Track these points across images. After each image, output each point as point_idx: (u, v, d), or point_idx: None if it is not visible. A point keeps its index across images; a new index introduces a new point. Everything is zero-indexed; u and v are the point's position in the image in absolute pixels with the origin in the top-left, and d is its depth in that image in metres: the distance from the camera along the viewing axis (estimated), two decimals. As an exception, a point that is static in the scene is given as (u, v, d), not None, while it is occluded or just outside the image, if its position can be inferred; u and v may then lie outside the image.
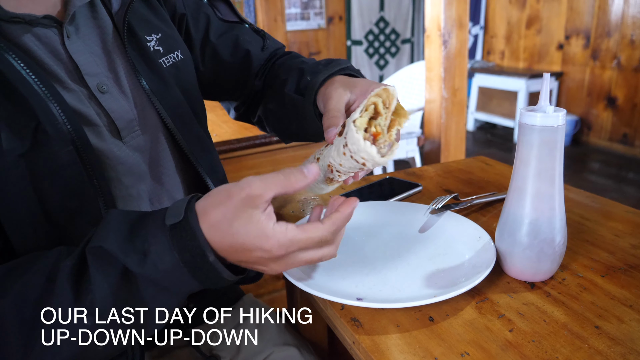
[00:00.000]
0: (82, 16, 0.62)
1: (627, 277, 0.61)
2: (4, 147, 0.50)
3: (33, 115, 0.52)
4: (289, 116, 0.73)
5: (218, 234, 0.45)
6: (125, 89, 0.64)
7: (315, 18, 5.23)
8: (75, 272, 0.45)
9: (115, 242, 0.45)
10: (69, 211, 0.56)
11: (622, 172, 3.77)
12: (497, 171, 1.02)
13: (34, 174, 0.53)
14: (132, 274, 0.45)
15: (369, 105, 0.50)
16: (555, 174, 0.57)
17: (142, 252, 0.45)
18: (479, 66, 5.25)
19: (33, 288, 0.45)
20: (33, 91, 0.52)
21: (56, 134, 0.53)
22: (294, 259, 0.48)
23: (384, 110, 0.49)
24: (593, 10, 4.22)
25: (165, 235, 0.45)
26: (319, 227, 0.47)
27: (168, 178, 0.70)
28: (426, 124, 2.43)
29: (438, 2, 2.22)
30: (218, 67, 0.81)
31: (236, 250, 0.46)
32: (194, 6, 0.78)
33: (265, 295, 1.72)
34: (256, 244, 0.45)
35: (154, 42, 0.68)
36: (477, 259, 0.63)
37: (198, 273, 0.46)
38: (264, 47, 0.83)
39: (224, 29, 0.81)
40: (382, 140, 0.49)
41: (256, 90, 0.83)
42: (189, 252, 0.45)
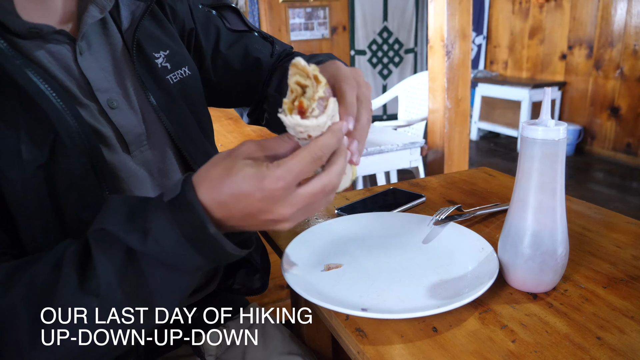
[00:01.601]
0: (94, 33, 0.64)
1: (628, 288, 0.61)
2: (25, 158, 0.52)
3: (52, 127, 0.53)
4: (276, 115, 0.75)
5: (219, 186, 0.45)
6: (134, 105, 0.66)
7: (319, 28, 5.27)
8: (80, 256, 0.46)
9: (116, 223, 0.46)
10: (83, 222, 0.57)
11: (626, 181, 3.77)
12: (500, 182, 1.03)
13: (51, 185, 0.54)
14: (136, 253, 0.45)
15: (292, 87, 0.49)
16: (556, 187, 0.58)
17: (142, 230, 0.45)
18: (482, 76, 5.27)
19: (40, 276, 0.46)
20: (52, 105, 0.53)
21: (73, 146, 0.55)
22: (297, 197, 0.46)
23: (307, 81, 0.48)
24: (596, 21, 4.24)
25: (164, 211, 0.45)
26: (306, 146, 0.46)
27: None
28: (429, 133, 2.45)
29: (441, 13, 2.24)
30: (229, 77, 0.83)
31: (238, 199, 0.45)
32: (203, 19, 0.80)
33: (269, 305, 1.73)
34: (254, 184, 0.44)
35: (161, 58, 0.69)
36: (480, 270, 0.64)
37: (201, 246, 0.46)
38: (273, 53, 0.84)
39: (234, 38, 0.82)
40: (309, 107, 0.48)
41: (266, 95, 0.84)
42: (189, 225, 0.45)
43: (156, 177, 0.68)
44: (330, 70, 0.54)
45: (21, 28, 0.55)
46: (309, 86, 0.48)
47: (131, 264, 0.46)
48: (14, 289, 0.46)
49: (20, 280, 0.46)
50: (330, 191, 0.48)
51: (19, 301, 0.45)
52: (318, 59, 0.70)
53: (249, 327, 0.85)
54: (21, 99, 0.52)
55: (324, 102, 0.48)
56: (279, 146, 0.48)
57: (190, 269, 0.48)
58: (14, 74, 0.52)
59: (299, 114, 0.47)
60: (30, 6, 0.57)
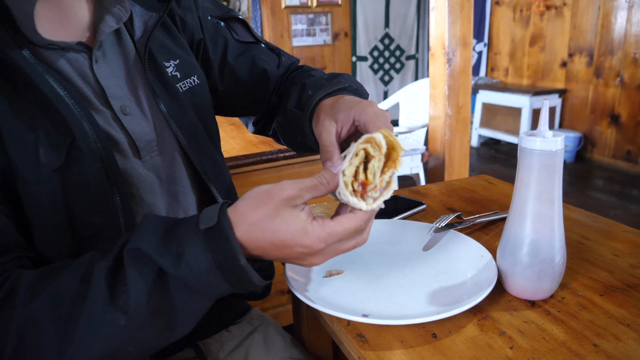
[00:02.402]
0: (109, 42, 0.66)
1: (625, 297, 0.62)
2: (42, 161, 0.54)
3: (69, 132, 0.55)
4: (293, 129, 0.76)
5: (259, 232, 0.48)
6: (146, 112, 0.67)
7: (321, 34, 5.30)
8: (111, 272, 0.48)
9: (151, 245, 0.48)
10: (93, 227, 0.59)
11: (626, 189, 3.78)
12: (500, 190, 1.04)
13: (65, 189, 0.56)
14: (166, 275, 0.48)
15: (358, 151, 0.51)
16: (554, 196, 0.59)
17: (177, 254, 0.47)
18: (483, 83, 5.29)
19: (68, 288, 0.48)
20: (70, 110, 0.55)
21: (88, 151, 0.57)
22: (332, 251, 0.51)
23: (376, 153, 0.50)
24: (596, 29, 4.26)
25: (199, 238, 0.48)
26: (353, 217, 0.51)
27: (183, 196, 0.73)
28: (430, 140, 2.46)
29: (442, 21, 2.26)
30: (236, 87, 0.84)
31: (277, 247, 0.49)
32: (212, 30, 0.82)
33: (270, 310, 1.74)
34: (297, 240, 0.48)
35: (172, 67, 0.71)
36: (479, 277, 0.65)
37: (229, 275, 0.48)
38: (280, 64, 0.86)
39: (241, 49, 0.84)
40: (372, 186, 0.50)
41: (273, 105, 0.86)
42: (222, 255, 0.48)
43: (165, 182, 0.70)
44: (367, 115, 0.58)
45: (41, 43, 0.57)
46: (376, 158, 0.50)
47: (160, 285, 0.48)
48: (38, 298, 0.47)
49: (45, 289, 0.48)
50: (360, 246, 0.54)
51: (44, 310, 0.47)
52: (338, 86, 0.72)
53: (251, 332, 0.86)
54: (40, 104, 0.54)
55: (385, 186, 0.51)
56: (317, 190, 0.51)
57: (214, 294, 0.51)
58: (36, 80, 0.54)
59: (362, 187, 0.51)
60: (53, 19, 0.60)
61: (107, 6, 0.64)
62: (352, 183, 0.51)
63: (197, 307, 0.51)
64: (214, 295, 0.51)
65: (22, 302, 0.47)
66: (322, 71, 0.83)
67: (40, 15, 0.58)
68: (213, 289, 0.50)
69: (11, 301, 0.48)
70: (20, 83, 0.54)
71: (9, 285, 0.49)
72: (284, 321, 1.73)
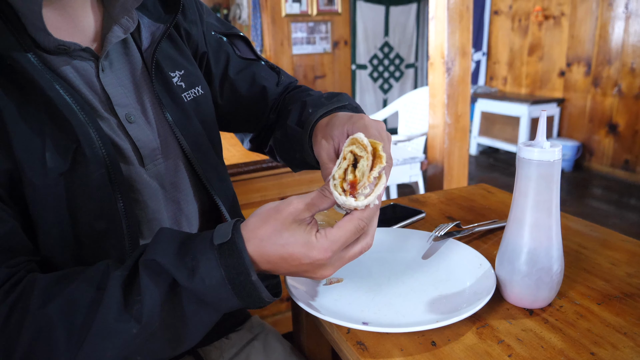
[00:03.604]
0: (116, 52, 0.67)
1: (622, 305, 0.63)
2: (49, 165, 0.55)
3: (75, 138, 0.56)
4: (293, 146, 0.77)
5: (269, 246, 0.50)
6: (151, 120, 0.69)
7: (321, 42, 5.33)
8: (126, 281, 0.50)
9: (167, 257, 0.50)
10: (96, 232, 0.60)
11: (624, 198, 3.79)
12: (499, 199, 1.05)
13: (70, 193, 0.57)
14: (180, 287, 0.49)
15: (345, 154, 0.53)
16: (552, 206, 0.60)
17: (191, 267, 0.49)
18: (481, 91, 5.32)
19: (82, 295, 0.49)
20: (76, 116, 0.56)
21: (93, 156, 0.58)
22: (340, 260, 0.53)
23: (363, 153, 0.52)
24: (594, 39, 4.29)
25: (213, 253, 0.50)
26: (351, 218, 0.52)
27: (186, 203, 0.74)
28: (429, 149, 2.47)
29: (442, 31, 2.28)
30: (236, 101, 0.85)
31: (286, 260, 0.51)
32: (215, 45, 0.83)
33: (269, 317, 1.74)
34: (304, 253, 0.50)
35: (177, 78, 0.72)
36: (478, 285, 0.65)
37: (240, 291, 0.50)
38: (279, 82, 0.88)
39: (242, 65, 0.85)
40: (362, 184, 0.51)
41: (271, 122, 0.87)
42: (234, 270, 0.49)
43: (168, 189, 0.71)
44: (359, 127, 0.59)
45: (50, 44, 0.58)
46: (364, 158, 0.51)
47: (173, 296, 0.50)
48: (52, 303, 0.48)
49: (59, 295, 0.49)
50: (368, 249, 0.55)
51: (57, 315, 0.48)
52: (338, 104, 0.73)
53: (251, 339, 0.87)
54: (48, 110, 0.55)
55: (376, 180, 0.51)
56: (321, 202, 0.52)
57: (224, 308, 0.52)
58: (44, 86, 0.55)
59: (351, 187, 0.51)
60: (61, 25, 0.61)
61: (116, 16, 0.65)
62: (342, 184, 0.52)
63: (206, 320, 0.52)
64: (223, 310, 0.52)
65: (36, 306, 0.48)
66: (320, 91, 0.84)
67: (48, 22, 0.58)
68: (223, 303, 0.51)
69: (25, 304, 0.48)
70: (28, 87, 0.55)
71: (22, 287, 0.50)
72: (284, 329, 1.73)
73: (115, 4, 0.65)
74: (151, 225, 0.68)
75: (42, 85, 0.55)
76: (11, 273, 0.51)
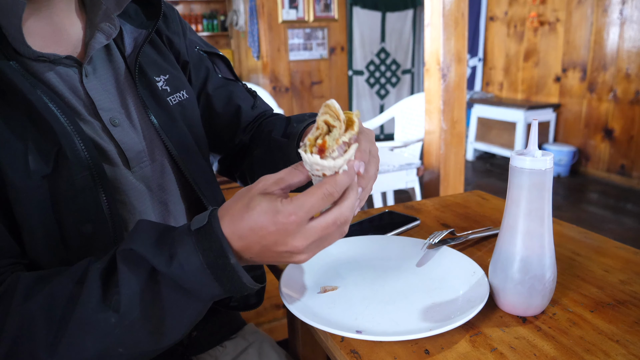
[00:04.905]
0: (99, 58, 0.68)
1: (615, 313, 0.63)
2: (31, 168, 0.56)
3: (56, 141, 0.57)
4: (275, 159, 0.78)
5: (238, 221, 0.49)
6: (136, 123, 0.70)
7: (317, 48, 5.35)
8: (105, 273, 0.50)
9: (144, 245, 0.49)
10: (83, 235, 0.60)
11: (620, 203, 3.80)
12: (493, 205, 1.05)
13: (54, 196, 0.58)
14: (159, 274, 0.49)
15: (319, 124, 0.52)
16: (544, 214, 0.60)
17: (169, 254, 0.49)
18: (478, 97, 5.34)
19: (62, 290, 0.49)
20: (57, 120, 0.57)
21: (75, 159, 0.58)
22: (310, 230, 0.49)
23: (336, 122, 0.51)
24: (589, 45, 4.32)
25: (191, 238, 0.49)
26: (319, 184, 0.49)
27: (173, 204, 0.74)
28: (425, 154, 2.48)
29: (437, 37, 2.30)
30: (210, 117, 0.87)
31: (254, 231, 0.49)
32: (196, 58, 0.85)
33: (265, 324, 1.74)
34: (269, 219, 0.48)
35: (162, 82, 0.74)
36: (472, 293, 0.66)
37: (220, 275, 0.49)
38: (254, 105, 0.90)
39: (221, 83, 0.87)
40: (330, 148, 0.50)
41: (242, 144, 0.89)
42: (212, 254, 0.49)
43: (155, 191, 0.72)
44: None
45: (31, 55, 0.59)
46: (337, 127, 0.51)
47: (152, 284, 0.49)
48: (33, 298, 0.48)
49: (41, 291, 0.49)
50: (343, 223, 0.51)
51: (37, 310, 0.48)
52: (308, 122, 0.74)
53: (246, 347, 0.87)
54: (30, 114, 0.56)
55: (345, 146, 0.51)
56: (292, 177, 0.52)
57: (205, 296, 0.51)
58: (25, 92, 0.56)
59: (319, 152, 0.50)
60: (45, 34, 0.62)
61: (97, 23, 0.67)
62: (311, 148, 0.51)
63: (188, 310, 0.51)
64: (205, 298, 0.51)
65: (18, 302, 0.48)
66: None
67: (32, 30, 0.60)
68: (204, 290, 0.50)
69: (7, 301, 0.49)
70: (10, 93, 0.56)
71: (5, 285, 0.51)
72: (279, 336, 1.72)
73: (97, 11, 0.67)
74: None
75: (23, 91, 0.56)
76: None
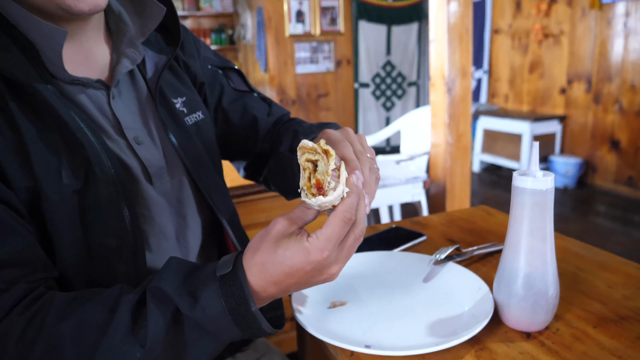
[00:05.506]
0: (124, 81, 0.73)
1: (617, 328, 0.65)
2: (64, 182, 0.60)
3: (86, 158, 0.61)
4: (286, 172, 0.81)
5: (270, 268, 0.52)
6: (157, 142, 0.74)
7: (324, 62, 5.40)
8: (135, 306, 0.52)
9: (172, 286, 0.52)
10: (107, 248, 0.63)
11: (629, 214, 3.79)
12: (498, 221, 1.07)
13: (82, 210, 0.61)
14: (182, 316, 0.52)
15: (303, 165, 0.55)
16: (546, 232, 0.62)
17: (194, 297, 0.52)
18: (483, 109, 5.36)
19: (94, 316, 0.52)
20: (88, 139, 0.61)
21: (103, 175, 0.62)
22: (340, 254, 0.53)
23: (317, 156, 0.54)
24: (593, 56, 4.34)
25: (215, 284, 0.52)
26: (335, 213, 0.52)
27: (191, 217, 0.78)
28: (432, 167, 2.50)
29: (442, 52, 2.33)
30: (228, 130, 0.91)
31: (290, 275, 0.52)
32: (211, 76, 0.89)
33: (272, 337, 1.75)
34: (303, 260, 0.51)
35: (179, 103, 0.79)
36: (477, 309, 0.68)
37: (240, 321, 0.52)
38: (270, 113, 0.93)
39: (235, 96, 0.92)
40: (325, 181, 0.53)
41: (264, 152, 0.92)
42: (235, 301, 0.51)
43: (174, 205, 0.75)
44: (333, 136, 0.61)
45: (66, 79, 0.64)
46: (320, 160, 0.54)
47: (176, 324, 0.52)
48: (66, 321, 0.51)
49: (73, 314, 0.52)
50: (361, 235, 0.55)
51: (68, 333, 0.51)
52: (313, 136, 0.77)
53: (257, 358, 0.89)
54: (63, 133, 0.60)
55: (336, 172, 0.53)
56: (305, 214, 0.55)
57: (225, 338, 0.54)
58: (60, 112, 0.60)
59: (317, 190, 0.53)
60: (77, 59, 0.67)
61: (124, 50, 0.71)
62: (310, 190, 0.54)
63: (208, 349, 0.54)
64: (225, 339, 0.55)
65: (50, 323, 0.51)
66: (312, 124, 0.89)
67: (66, 56, 0.64)
68: (224, 333, 0.53)
69: (41, 320, 0.51)
70: (46, 113, 0.60)
71: (40, 303, 0.53)
72: (288, 348, 1.74)
73: (123, 38, 0.72)
74: (158, 239, 0.72)
75: (59, 111, 0.60)
76: (31, 288, 0.55)
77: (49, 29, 0.59)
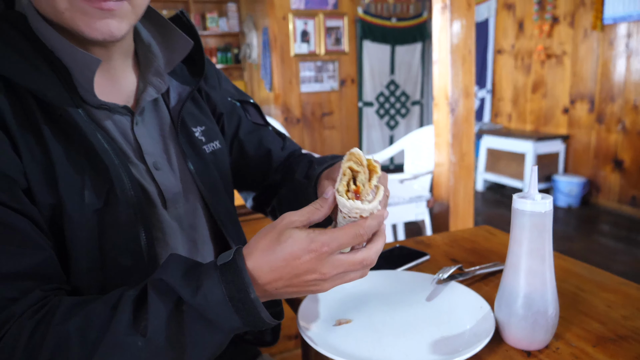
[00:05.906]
0: (147, 108, 0.76)
1: (616, 347, 0.67)
2: (86, 201, 0.62)
3: (109, 179, 0.64)
4: (298, 199, 0.84)
5: (270, 253, 0.54)
6: (175, 168, 0.77)
7: (328, 81, 5.48)
8: (137, 300, 0.55)
9: (173, 277, 0.55)
10: (121, 266, 0.66)
11: (632, 234, 3.79)
12: (500, 240, 1.09)
13: (101, 229, 0.64)
14: (184, 305, 0.54)
15: (345, 170, 0.58)
16: (545, 253, 0.65)
17: (195, 285, 0.54)
18: (487, 128, 5.40)
19: (98, 313, 0.54)
20: (112, 161, 0.65)
21: (123, 197, 0.65)
22: (340, 260, 0.55)
23: (359, 167, 0.57)
24: (596, 77, 4.39)
25: (216, 272, 0.55)
26: (354, 223, 0.55)
27: (202, 244, 0.80)
28: (435, 187, 2.52)
29: (445, 73, 2.37)
30: (243, 160, 0.95)
31: (287, 261, 0.54)
32: (229, 108, 0.93)
33: (278, 355, 1.76)
34: (303, 247, 0.53)
35: (198, 132, 0.81)
36: (478, 327, 0.69)
37: (240, 307, 0.54)
38: (284, 147, 0.98)
39: (252, 128, 0.95)
40: (364, 192, 0.56)
41: (275, 183, 0.95)
42: (235, 287, 0.54)
43: (187, 230, 0.78)
44: None
45: (95, 103, 0.67)
46: (361, 172, 0.57)
47: (177, 314, 0.54)
48: (71, 320, 0.54)
49: (77, 313, 0.54)
50: (368, 265, 0.57)
51: (74, 331, 0.53)
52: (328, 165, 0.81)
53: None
54: (88, 154, 0.63)
55: (375, 189, 0.57)
56: (313, 214, 0.57)
57: (226, 327, 0.56)
58: (88, 135, 0.63)
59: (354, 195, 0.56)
60: (105, 85, 0.71)
61: (150, 79, 0.75)
62: (346, 193, 0.56)
63: (209, 340, 0.56)
64: (226, 329, 0.56)
65: (57, 322, 0.53)
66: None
67: (95, 81, 0.67)
68: (225, 321, 0.55)
69: (48, 321, 0.54)
70: (75, 136, 0.63)
71: (48, 307, 0.56)
72: (292, 366, 1.75)
73: (149, 67, 0.75)
74: None
75: (87, 134, 0.63)
76: (43, 295, 0.57)
77: (84, 56, 0.63)
